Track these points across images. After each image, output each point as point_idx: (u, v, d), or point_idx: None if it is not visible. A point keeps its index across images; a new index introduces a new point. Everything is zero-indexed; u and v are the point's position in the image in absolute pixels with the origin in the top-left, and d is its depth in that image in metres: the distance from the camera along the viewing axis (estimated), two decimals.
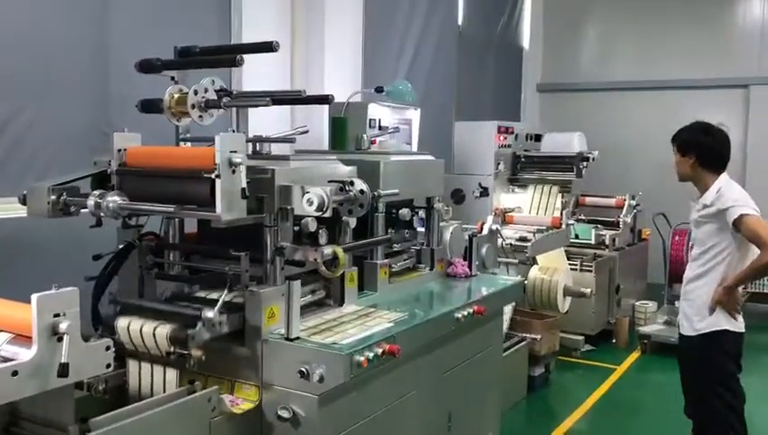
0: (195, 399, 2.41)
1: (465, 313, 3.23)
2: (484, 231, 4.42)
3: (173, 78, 2.91)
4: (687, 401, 3.77)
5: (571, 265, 6.28)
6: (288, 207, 2.67)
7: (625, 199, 7.26)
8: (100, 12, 3.86)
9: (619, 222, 7.16)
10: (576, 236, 6.64)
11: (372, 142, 4.05)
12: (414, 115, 5.44)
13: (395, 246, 3.51)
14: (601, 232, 6.94)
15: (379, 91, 5.06)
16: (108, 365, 2.11)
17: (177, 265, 2.95)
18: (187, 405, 2.38)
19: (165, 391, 2.55)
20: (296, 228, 2.72)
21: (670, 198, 7.03)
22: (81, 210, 2.67)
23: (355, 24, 5.50)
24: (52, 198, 2.64)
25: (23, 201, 2.72)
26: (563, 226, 6.01)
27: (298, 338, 2.56)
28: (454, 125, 6.99)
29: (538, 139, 7.23)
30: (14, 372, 1.89)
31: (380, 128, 4.86)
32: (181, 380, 2.56)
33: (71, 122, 3.70)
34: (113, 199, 2.53)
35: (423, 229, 3.72)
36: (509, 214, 6.39)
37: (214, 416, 2.44)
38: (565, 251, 6.14)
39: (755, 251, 3.45)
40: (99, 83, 3.85)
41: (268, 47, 2.89)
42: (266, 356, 2.59)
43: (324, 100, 3.21)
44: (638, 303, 7.19)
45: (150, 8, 4.16)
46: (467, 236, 3.94)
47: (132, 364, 2.64)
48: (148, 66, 2.94)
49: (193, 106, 2.80)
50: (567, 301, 5.91)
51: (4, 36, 3.39)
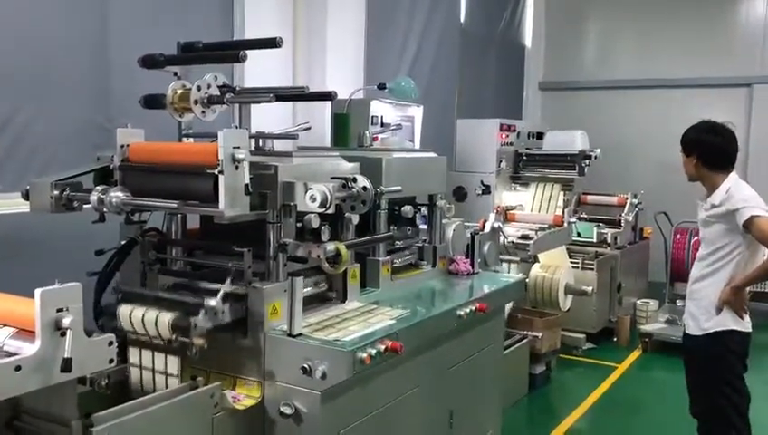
0: (197, 395, 2.41)
1: (467, 310, 3.23)
2: (486, 229, 4.42)
3: (176, 73, 2.91)
4: (692, 401, 3.75)
5: (572, 263, 6.28)
6: (291, 203, 2.67)
7: (627, 198, 7.25)
8: (102, 7, 3.85)
9: (620, 220, 7.15)
10: (578, 235, 6.64)
11: (374, 139, 4.04)
12: (416, 112, 5.42)
13: (397, 243, 3.51)
14: (603, 230, 6.95)
15: (382, 87, 5.05)
16: (111, 360, 2.11)
17: (179, 261, 2.95)
18: (189, 401, 2.38)
19: (167, 386, 2.56)
20: (299, 225, 2.72)
21: (672, 196, 7.05)
22: (84, 206, 2.66)
23: (357, 21, 5.48)
24: (55, 193, 2.64)
25: (25, 196, 2.73)
26: (565, 224, 5.99)
27: (300, 334, 2.56)
28: (456, 122, 6.98)
29: (540, 137, 7.22)
30: (18, 367, 1.89)
31: (383, 125, 4.84)
32: (183, 374, 2.56)
33: (72, 118, 3.69)
34: (116, 195, 2.53)
35: (425, 226, 3.72)
36: (511, 212, 6.37)
37: (216, 412, 2.45)
38: (567, 249, 6.14)
39: (765, 251, 3.44)
40: (100, 79, 3.84)
41: (272, 43, 2.89)
42: (269, 352, 2.59)
43: (327, 96, 3.21)
44: (639, 301, 7.19)
45: (152, 4, 4.15)
46: (469, 234, 3.94)
47: (133, 353, 2.64)
48: (151, 62, 2.94)
49: (196, 102, 2.80)
50: (568, 299, 5.92)
51: (4, 34, 3.37)
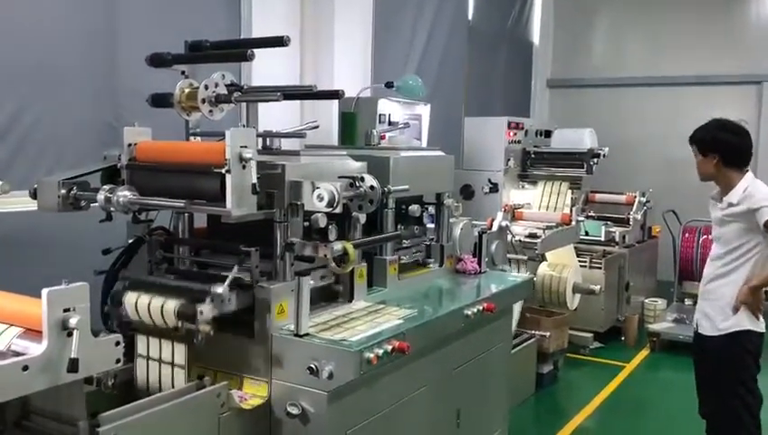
0: (204, 394, 2.41)
1: (475, 310, 3.22)
2: (494, 227, 4.40)
3: (183, 72, 2.90)
4: (702, 401, 3.71)
5: (580, 261, 6.25)
6: (298, 202, 2.66)
7: (635, 196, 7.22)
8: (109, 6, 3.85)
9: (628, 219, 7.12)
10: (586, 233, 6.61)
11: (382, 138, 4.03)
12: (424, 110, 5.40)
13: (404, 242, 3.49)
14: (611, 229, 6.92)
15: (389, 86, 5.03)
16: (117, 360, 2.11)
17: (186, 260, 2.94)
18: (196, 400, 2.38)
19: (173, 379, 2.56)
20: (306, 224, 2.71)
21: (681, 194, 7.02)
22: (91, 205, 2.66)
23: (364, 19, 5.47)
24: (63, 192, 2.64)
25: (33, 195, 2.73)
26: (573, 222, 5.97)
27: (307, 334, 2.55)
28: (464, 120, 6.95)
29: (548, 135, 7.19)
30: (25, 367, 1.89)
31: (390, 123, 4.83)
32: (190, 365, 2.57)
33: (80, 117, 3.69)
34: (123, 194, 2.53)
35: (432, 225, 3.71)
36: (518, 210, 6.35)
37: (223, 412, 2.45)
38: (575, 248, 6.12)
39: None
40: (108, 78, 3.84)
41: (279, 42, 2.88)
42: (275, 352, 2.58)
43: (335, 95, 3.20)
44: (647, 300, 7.16)
45: (159, 3, 4.15)
46: (477, 233, 3.93)
47: (141, 341, 2.64)
48: (158, 60, 2.93)
49: (203, 101, 2.79)
50: (576, 298, 5.89)
51: (12, 33, 3.38)
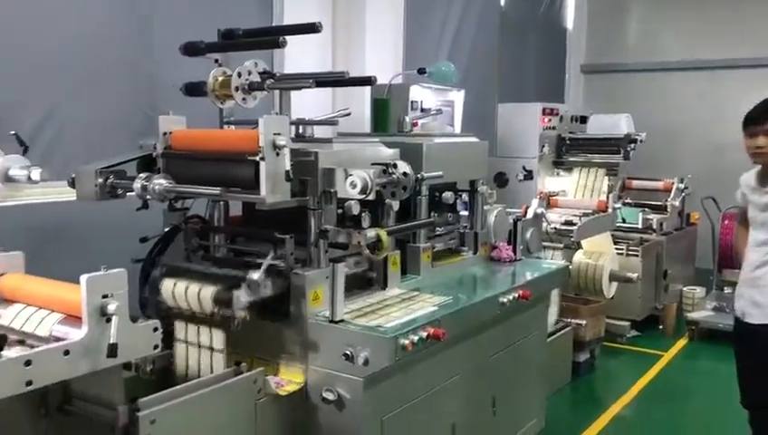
0: (241, 380, 2.43)
1: (510, 297, 3.19)
2: (529, 215, 4.35)
3: (217, 60, 2.91)
4: (746, 391, 3.61)
5: (617, 249, 6.15)
6: (331, 189, 2.66)
7: (673, 182, 7.06)
8: None
9: (666, 206, 6.97)
10: (623, 220, 6.50)
11: (414, 124, 4.00)
12: (457, 97, 5.35)
13: (438, 229, 3.47)
14: (649, 216, 6.78)
15: (422, 72, 4.98)
16: (155, 346, 2.13)
17: (221, 248, 2.97)
18: (233, 386, 2.40)
19: (212, 363, 2.59)
20: (339, 211, 2.71)
21: (720, 181, 6.81)
22: (128, 193, 2.69)
23: (396, 5, 5.43)
24: (100, 181, 2.68)
25: (72, 184, 2.77)
26: (609, 209, 5.86)
27: (342, 321, 2.56)
28: (497, 107, 6.87)
29: (583, 120, 7.06)
30: (66, 352, 1.93)
31: (423, 110, 4.79)
32: (228, 351, 2.59)
33: (116, 106, 3.73)
34: (159, 182, 2.55)
35: (466, 213, 3.68)
36: (554, 197, 6.26)
37: (259, 397, 2.47)
38: (611, 235, 6.02)
39: None
40: (143, 67, 3.88)
41: (311, 28, 2.87)
42: (311, 338, 2.59)
43: (367, 81, 3.19)
44: (685, 288, 7.02)
45: None
46: (511, 220, 3.89)
47: (179, 328, 2.68)
48: (192, 49, 2.95)
49: (237, 89, 2.80)
50: (613, 286, 5.80)
51: (50, 25, 3.43)
